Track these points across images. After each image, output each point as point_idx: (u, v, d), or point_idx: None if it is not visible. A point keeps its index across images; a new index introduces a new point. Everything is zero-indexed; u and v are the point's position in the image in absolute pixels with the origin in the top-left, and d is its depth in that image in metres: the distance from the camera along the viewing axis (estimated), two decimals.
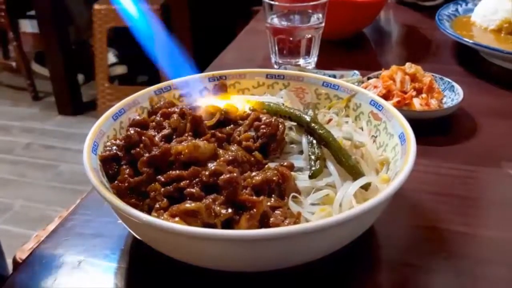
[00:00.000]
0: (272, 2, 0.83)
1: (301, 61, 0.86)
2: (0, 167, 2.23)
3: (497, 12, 0.94)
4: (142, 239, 0.45)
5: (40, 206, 1.99)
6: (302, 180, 0.48)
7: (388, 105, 0.55)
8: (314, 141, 0.51)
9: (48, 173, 2.19)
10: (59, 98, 2.62)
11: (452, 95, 0.71)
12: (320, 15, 0.83)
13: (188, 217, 0.41)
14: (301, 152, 0.52)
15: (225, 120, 0.54)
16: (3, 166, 2.24)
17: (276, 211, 0.43)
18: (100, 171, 0.46)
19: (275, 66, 0.87)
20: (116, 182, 0.46)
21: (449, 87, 0.73)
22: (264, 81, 0.63)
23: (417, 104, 0.68)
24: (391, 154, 0.51)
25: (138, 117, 0.54)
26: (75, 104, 2.63)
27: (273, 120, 0.52)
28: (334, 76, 0.75)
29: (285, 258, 0.42)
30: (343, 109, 0.59)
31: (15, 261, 1.12)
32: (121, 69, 2.68)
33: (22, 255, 1.08)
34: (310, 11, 0.83)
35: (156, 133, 0.51)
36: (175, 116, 0.52)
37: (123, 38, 2.03)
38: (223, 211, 0.42)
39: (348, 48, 0.97)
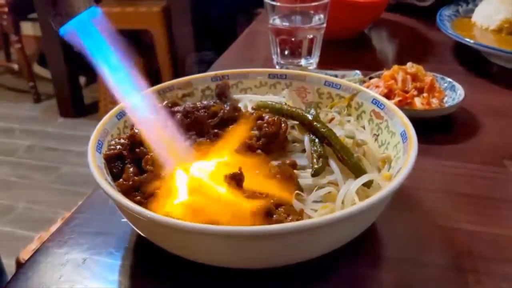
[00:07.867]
0: (274, 3, 0.83)
1: (303, 62, 0.86)
2: (2, 169, 2.24)
3: (497, 12, 0.95)
4: (146, 237, 0.45)
5: (42, 208, 1.99)
6: (304, 178, 0.49)
7: (389, 103, 0.55)
8: (317, 140, 0.51)
9: (50, 175, 2.20)
10: (61, 100, 2.63)
11: (453, 94, 0.72)
12: (322, 16, 0.84)
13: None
14: (303, 151, 0.52)
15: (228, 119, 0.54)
16: (5, 168, 2.25)
17: (279, 208, 0.44)
18: (104, 170, 0.47)
19: (277, 67, 0.87)
20: (120, 180, 0.46)
21: (450, 86, 0.73)
22: (267, 81, 0.63)
23: (419, 103, 0.69)
24: (393, 152, 0.52)
25: None
26: (77, 106, 2.64)
27: (275, 119, 0.53)
28: (336, 76, 0.76)
29: (287, 255, 0.42)
30: (345, 108, 0.59)
31: (18, 262, 1.12)
32: None
33: (25, 256, 1.09)
34: (312, 11, 0.83)
35: None
36: (178, 115, 0.53)
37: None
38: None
39: (350, 48, 0.97)
